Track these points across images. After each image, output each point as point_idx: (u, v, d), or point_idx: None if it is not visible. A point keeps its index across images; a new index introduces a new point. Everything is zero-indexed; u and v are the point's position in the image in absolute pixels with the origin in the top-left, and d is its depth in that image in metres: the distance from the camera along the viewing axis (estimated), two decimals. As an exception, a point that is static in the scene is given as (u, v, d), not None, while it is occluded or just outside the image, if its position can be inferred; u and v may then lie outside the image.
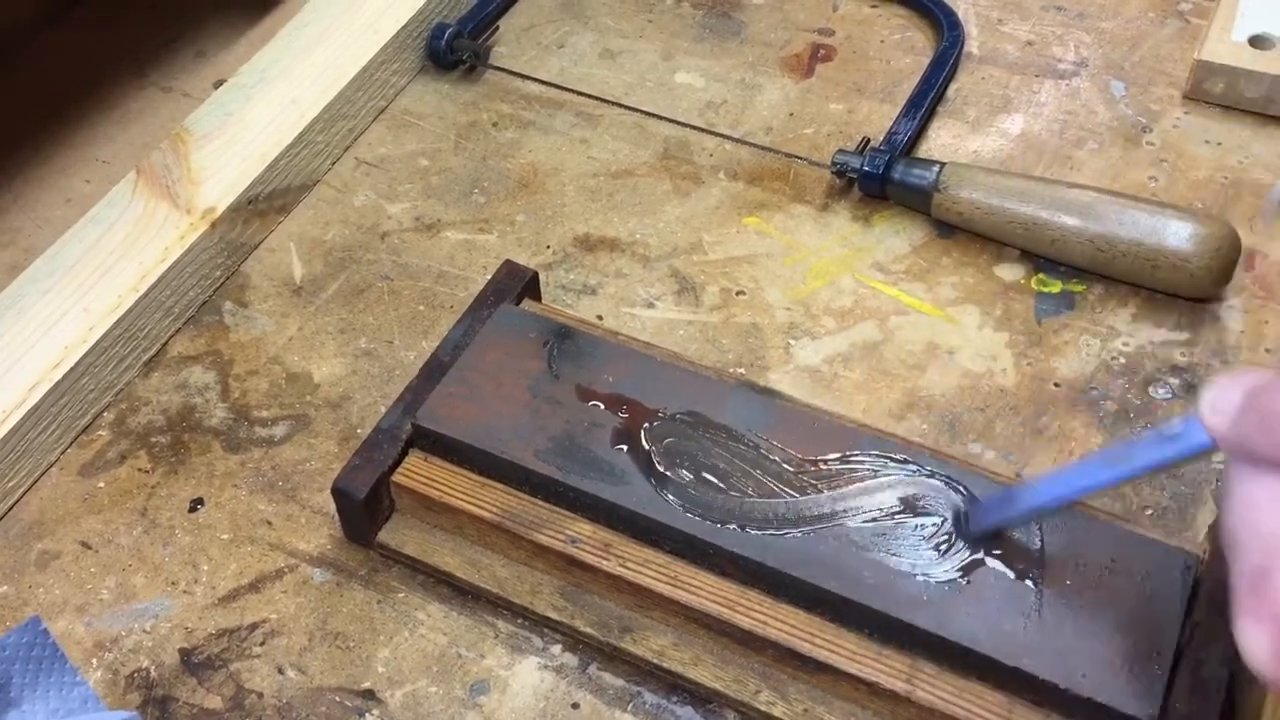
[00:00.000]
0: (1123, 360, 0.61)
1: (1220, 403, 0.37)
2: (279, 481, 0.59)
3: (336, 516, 0.56)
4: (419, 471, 0.54)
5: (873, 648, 0.48)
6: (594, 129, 0.74)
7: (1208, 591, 0.48)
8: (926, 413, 0.60)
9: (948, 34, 0.76)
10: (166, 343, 0.64)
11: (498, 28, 0.80)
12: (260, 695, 0.52)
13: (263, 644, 0.53)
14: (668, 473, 0.52)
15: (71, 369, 0.59)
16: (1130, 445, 0.43)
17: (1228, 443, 0.37)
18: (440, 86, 0.77)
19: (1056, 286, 0.65)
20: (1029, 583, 0.48)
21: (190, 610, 0.54)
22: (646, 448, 0.52)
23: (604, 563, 0.51)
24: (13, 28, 0.81)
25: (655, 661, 0.51)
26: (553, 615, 0.52)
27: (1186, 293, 0.63)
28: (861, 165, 0.68)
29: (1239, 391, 0.36)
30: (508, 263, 0.61)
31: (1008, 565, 0.48)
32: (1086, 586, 0.48)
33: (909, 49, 0.78)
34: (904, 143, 0.69)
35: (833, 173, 0.69)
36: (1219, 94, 0.72)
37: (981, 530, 0.49)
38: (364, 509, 0.54)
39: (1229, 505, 0.36)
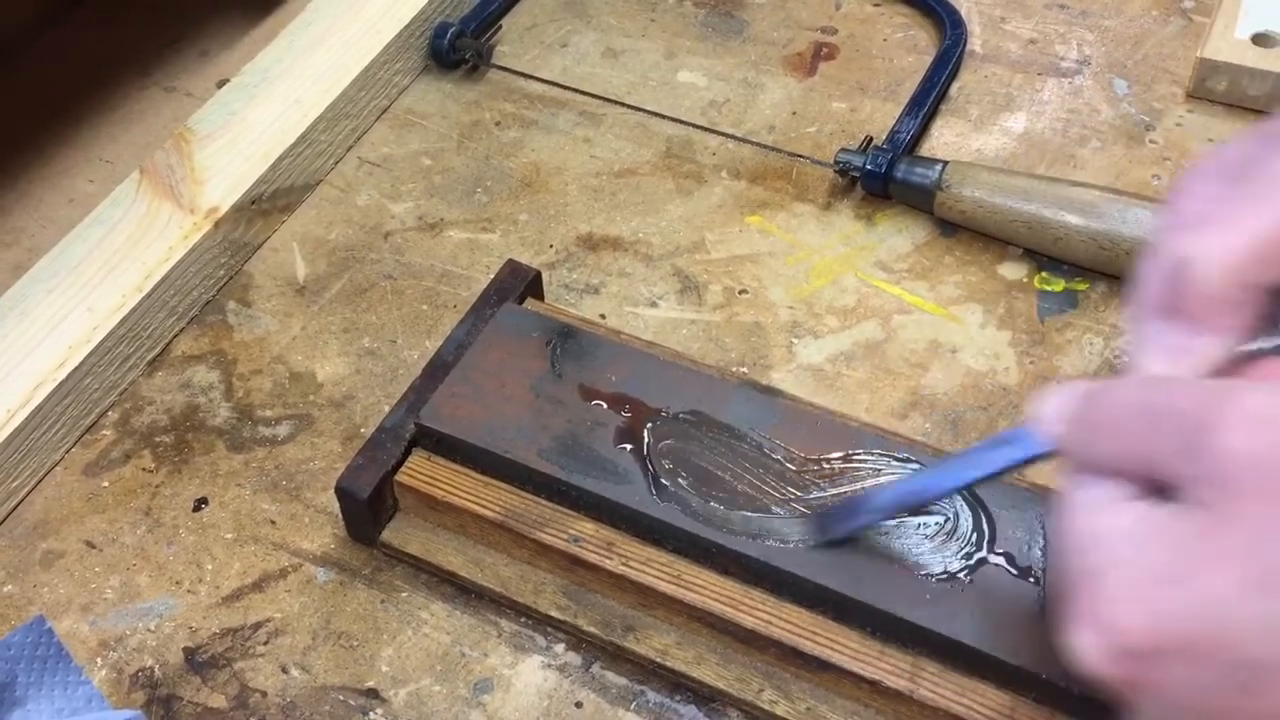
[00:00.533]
0: (1126, 359, 0.61)
1: (1054, 411, 0.38)
2: (283, 481, 0.59)
3: (340, 516, 0.56)
4: (422, 471, 0.54)
5: (875, 646, 0.48)
6: (597, 128, 0.74)
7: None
8: (929, 411, 0.60)
9: (950, 32, 0.76)
10: (170, 342, 0.65)
11: (500, 27, 0.80)
12: (264, 694, 0.52)
13: (266, 643, 0.53)
14: (670, 472, 0.52)
15: (75, 369, 0.59)
16: (975, 451, 0.44)
17: (1065, 450, 0.38)
18: (443, 86, 0.77)
19: (1059, 285, 0.65)
20: (1031, 581, 0.48)
21: (194, 609, 0.54)
22: (649, 447, 0.53)
23: (607, 562, 0.51)
24: (16, 28, 0.82)
25: (658, 660, 0.51)
26: (556, 614, 0.52)
27: (1189, 291, 0.63)
28: (864, 164, 0.68)
29: (1072, 402, 0.37)
30: (510, 262, 0.61)
31: (1010, 563, 0.48)
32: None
33: (911, 47, 0.78)
34: (906, 141, 0.69)
35: (835, 171, 0.69)
36: (1222, 92, 0.72)
37: (831, 536, 0.49)
38: (367, 508, 0.54)
39: (1062, 509, 0.36)
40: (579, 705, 0.51)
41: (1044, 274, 0.65)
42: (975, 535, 0.49)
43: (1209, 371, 0.37)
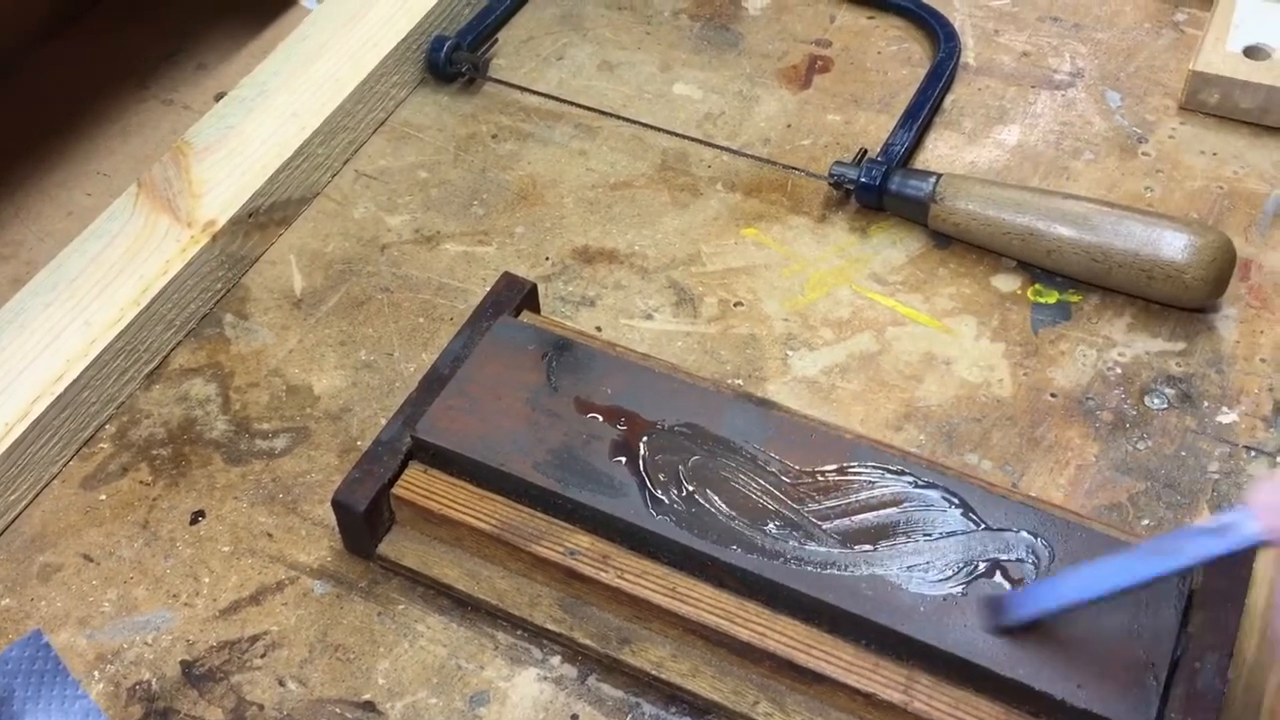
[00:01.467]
0: (1119, 370, 0.62)
1: (1271, 501, 0.38)
2: (279, 494, 0.59)
3: (337, 529, 0.56)
4: (418, 484, 0.54)
5: (870, 658, 0.48)
6: (592, 141, 0.74)
7: (1203, 603, 0.48)
8: (924, 423, 0.60)
9: (944, 45, 0.77)
10: (167, 355, 0.65)
11: (497, 40, 0.80)
12: (261, 707, 0.52)
13: (263, 656, 0.53)
14: (666, 485, 0.52)
15: (73, 382, 0.60)
16: (1179, 537, 0.43)
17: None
18: (439, 99, 0.78)
19: (1053, 297, 0.65)
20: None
21: (191, 622, 0.55)
22: (645, 460, 0.53)
23: (602, 574, 0.51)
24: (14, 41, 0.82)
25: (654, 673, 0.51)
26: (552, 627, 0.52)
27: (1182, 303, 0.63)
28: (859, 177, 0.68)
29: None
30: (506, 274, 0.62)
31: (1005, 577, 0.49)
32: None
33: (906, 60, 0.78)
34: (901, 154, 0.70)
35: (830, 184, 0.69)
36: (1214, 104, 0.72)
37: (1017, 622, 0.47)
38: (364, 521, 0.54)
39: (1278, 601, 0.36)
40: (575, 717, 0.51)
41: (1037, 286, 0.66)
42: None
43: None
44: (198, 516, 0.58)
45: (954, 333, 0.64)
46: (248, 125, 0.71)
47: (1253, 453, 0.58)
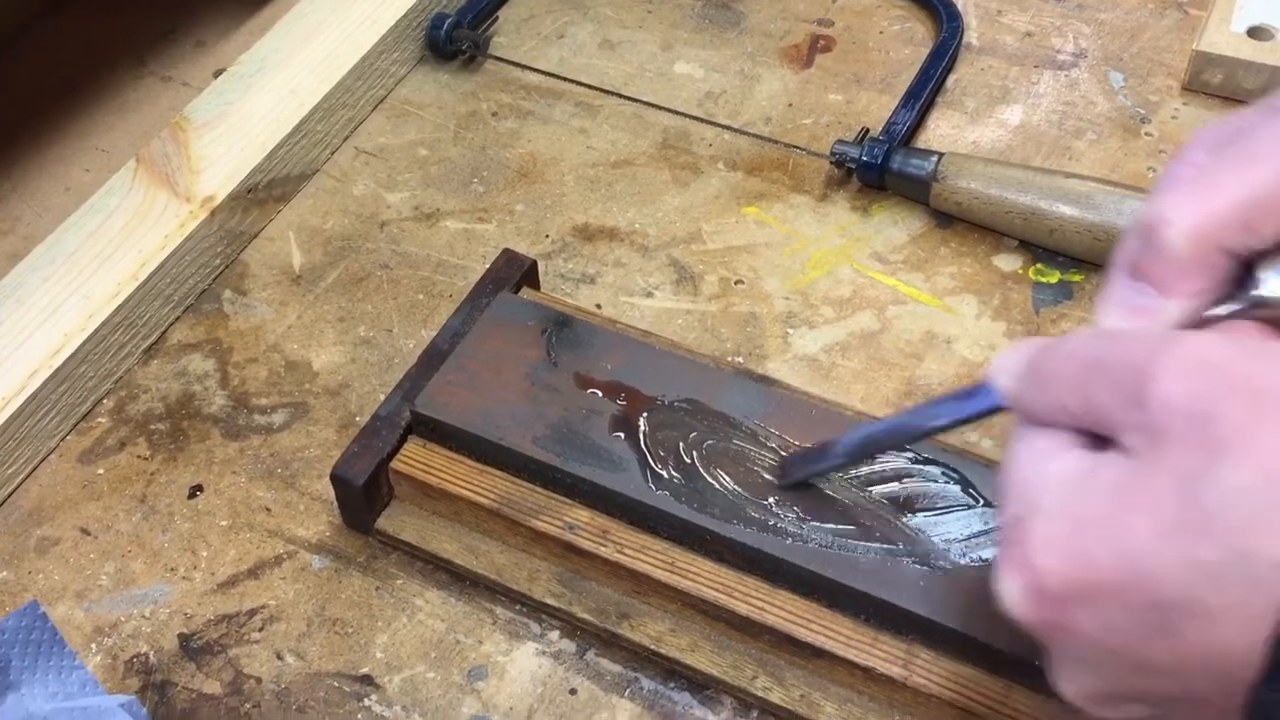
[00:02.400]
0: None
1: (1008, 365, 0.38)
2: (278, 468, 0.59)
3: (335, 503, 0.56)
4: (417, 458, 0.54)
5: (869, 633, 0.48)
6: (593, 119, 0.74)
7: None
8: (924, 401, 0.60)
9: (947, 25, 0.76)
10: (166, 330, 0.65)
11: (497, 18, 0.80)
12: (259, 680, 0.52)
13: (261, 630, 0.53)
14: (665, 460, 0.52)
15: (71, 356, 0.59)
16: (934, 403, 0.45)
17: (1011, 402, 0.38)
18: (439, 76, 0.77)
19: (1054, 276, 0.65)
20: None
21: (189, 596, 0.54)
22: (644, 435, 0.53)
23: (601, 549, 0.51)
24: (13, 18, 0.82)
25: (652, 647, 0.51)
26: (550, 601, 0.52)
27: (1184, 282, 0.63)
28: (860, 155, 0.68)
29: (1023, 356, 0.38)
30: (506, 251, 0.61)
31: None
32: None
33: (908, 40, 0.78)
34: (903, 133, 0.69)
35: (831, 163, 0.69)
36: (1217, 85, 0.72)
37: (792, 480, 0.50)
38: (362, 495, 0.54)
39: (1007, 461, 0.37)
40: (573, 692, 0.51)
41: (1039, 265, 0.65)
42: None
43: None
44: (196, 491, 0.58)
45: (955, 312, 0.64)
46: (246, 102, 0.71)
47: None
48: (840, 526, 0.49)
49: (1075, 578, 0.33)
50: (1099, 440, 0.35)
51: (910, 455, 0.52)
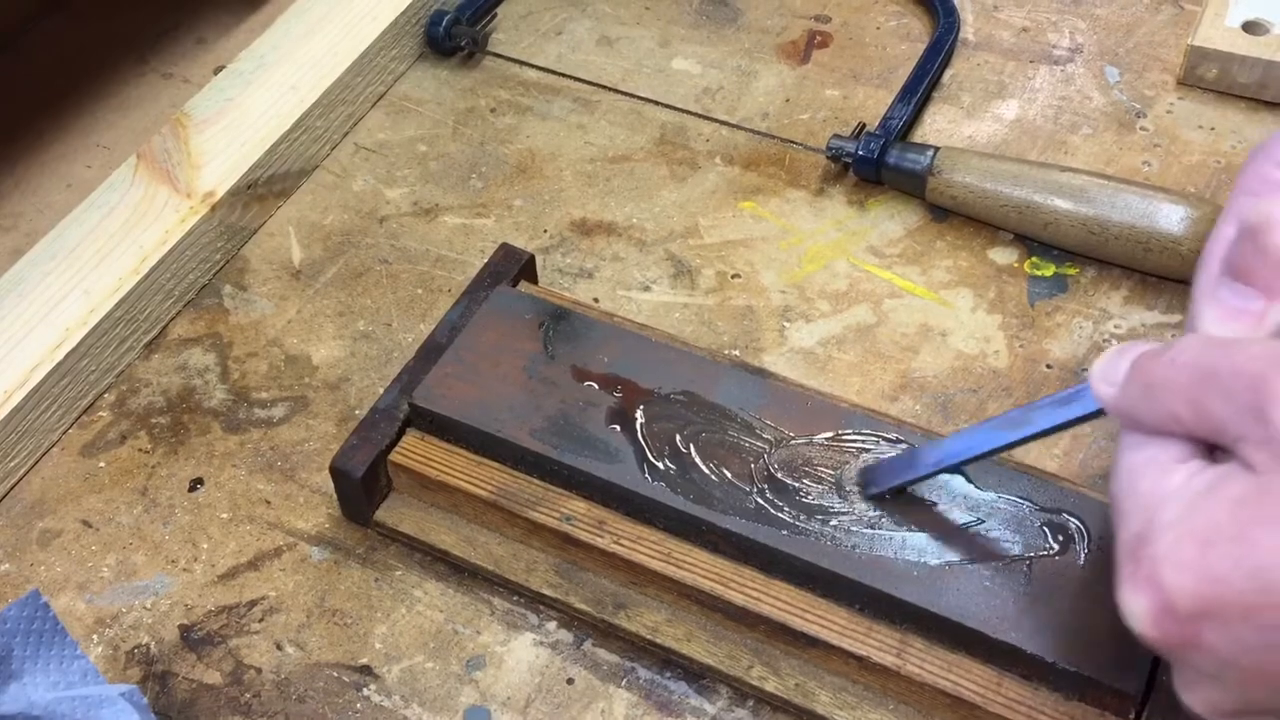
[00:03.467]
0: (1115, 342, 0.62)
1: (1109, 372, 0.38)
2: (278, 461, 0.59)
3: (334, 496, 0.56)
4: (416, 450, 0.55)
5: (863, 623, 0.49)
6: (591, 115, 0.75)
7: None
8: (920, 394, 0.60)
9: (943, 20, 0.77)
10: (166, 325, 0.65)
11: (496, 14, 0.80)
12: (259, 671, 0.52)
13: (261, 621, 0.54)
14: (661, 451, 0.52)
15: (72, 350, 0.60)
16: (1029, 408, 0.44)
17: (1116, 410, 0.38)
18: (439, 73, 0.78)
19: (1049, 270, 0.65)
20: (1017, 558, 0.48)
21: (190, 588, 0.55)
22: (640, 426, 0.53)
23: (598, 540, 0.52)
24: (14, 15, 0.82)
25: (649, 637, 0.51)
26: (548, 592, 0.53)
27: (1178, 275, 0.63)
28: (856, 150, 0.68)
29: (1126, 362, 0.37)
30: (504, 245, 0.62)
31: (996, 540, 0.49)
32: (1074, 561, 0.48)
33: (905, 35, 0.78)
34: (899, 128, 0.70)
35: (828, 158, 0.69)
36: (1212, 79, 0.72)
37: (882, 490, 0.50)
38: (361, 488, 0.54)
39: (1114, 472, 0.37)
40: (570, 682, 0.51)
41: (1034, 259, 0.66)
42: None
43: (1273, 337, 0.37)
44: (196, 484, 0.59)
45: (951, 305, 0.64)
46: (246, 98, 0.71)
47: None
48: (837, 517, 0.50)
49: (1205, 596, 0.33)
50: (1209, 448, 0.35)
51: (905, 446, 0.52)
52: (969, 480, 0.51)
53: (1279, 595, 0.32)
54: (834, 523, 0.50)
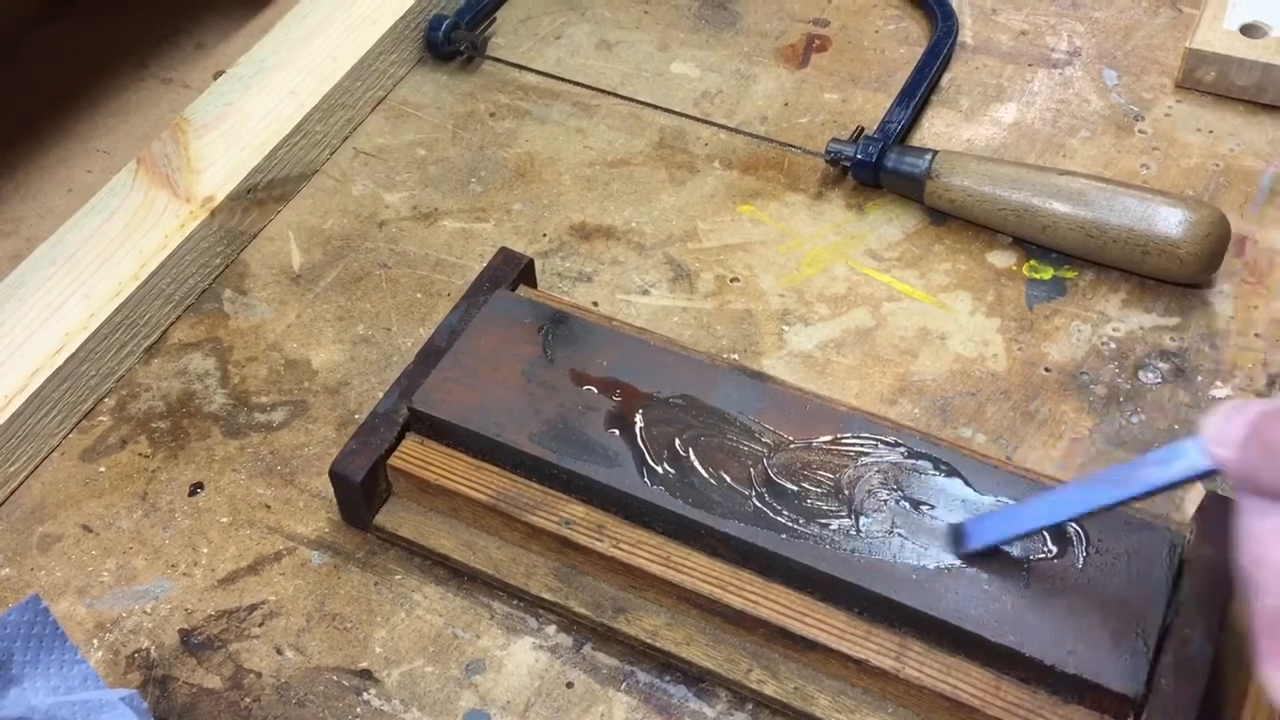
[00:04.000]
0: (1113, 345, 0.62)
1: (1225, 433, 0.37)
2: (277, 466, 0.59)
3: (334, 500, 0.56)
4: (415, 455, 0.55)
5: (862, 626, 0.49)
6: (590, 119, 0.75)
7: (1193, 571, 0.48)
8: (918, 397, 0.60)
9: (942, 24, 0.77)
10: (166, 330, 0.65)
11: (495, 19, 0.81)
12: (259, 675, 0.52)
13: (261, 625, 0.54)
14: (660, 455, 0.52)
15: (72, 355, 0.60)
16: (1134, 466, 0.43)
17: (1234, 474, 0.37)
18: (438, 77, 0.78)
19: (1048, 273, 0.65)
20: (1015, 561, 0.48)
21: (190, 592, 0.55)
22: (639, 430, 0.53)
23: (597, 544, 0.52)
24: (15, 21, 0.82)
25: (648, 641, 0.51)
26: (547, 596, 0.53)
27: (1176, 278, 0.63)
28: (855, 154, 0.68)
29: (1243, 422, 0.36)
30: (503, 250, 0.62)
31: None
32: (1073, 565, 0.48)
33: (903, 39, 0.78)
34: (897, 131, 0.70)
35: (827, 161, 0.70)
36: (1210, 82, 0.72)
37: (978, 549, 0.48)
38: (361, 492, 0.54)
39: (1241, 540, 0.36)
40: (570, 685, 0.52)
41: (1033, 262, 0.66)
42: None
43: None
44: (196, 488, 0.59)
45: (949, 308, 0.64)
46: (246, 103, 0.71)
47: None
48: (836, 521, 0.50)
49: None
50: None
51: (904, 450, 0.52)
52: (967, 484, 0.51)
53: None
54: (833, 526, 0.50)
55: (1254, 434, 0.36)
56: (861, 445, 0.52)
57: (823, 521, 0.50)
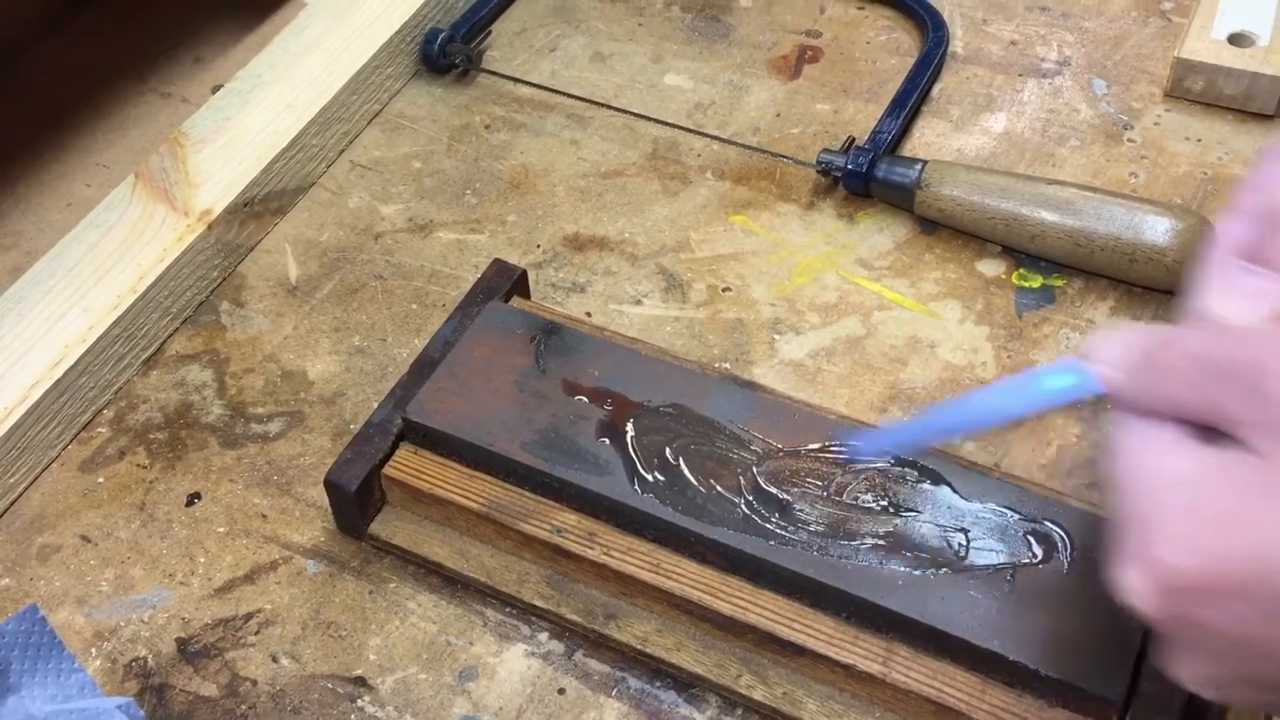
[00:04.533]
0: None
1: (1113, 356, 0.38)
2: (274, 476, 0.60)
3: (329, 509, 0.57)
4: (409, 464, 0.55)
5: (850, 631, 0.49)
6: (584, 130, 0.75)
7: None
8: (908, 405, 0.61)
9: (932, 35, 0.77)
10: (164, 342, 0.66)
11: (490, 32, 0.81)
12: (255, 682, 0.53)
13: (257, 633, 0.54)
14: (650, 463, 0.53)
15: (71, 368, 0.61)
16: (1022, 380, 0.43)
17: (1122, 395, 0.38)
18: (433, 90, 0.79)
19: (1037, 281, 0.66)
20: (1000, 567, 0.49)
21: (187, 601, 0.56)
22: (630, 439, 0.54)
23: (589, 551, 0.52)
24: (14, 36, 0.83)
25: (639, 647, 0.52)
26: (539, 603, 0.53)
27: (1164, 286, 0.64)
28: (846, 164, 0.69)
29: (1136, 348, 0.38)
30: (497, 261, 0.62)
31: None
32: (1058, 570, 0.49)
33: (895, 50, 0.79)
34: (888, 142, 0.70)
35: (818, 171, 0.70)
36: (1199, 91, 0.73)
37: (871, 454, 0.51)
38: (355, 501, 0.55)
39: (1116, 453, 0.37)
40: (562, 692, 0.52)
41: (1022, 270, 0.66)
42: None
43: None
44: (193, 498, 0.59)
45: (939, 316, 0.65)
46: (244, 117, 0.72)
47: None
48: (824, 528, 0.50)
49: (1207, 574, 0.34)
50: (1209, 432, 0.36)
51: (892, 458, 0.53)
52: (954, 490, 0.51)
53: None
54: (821, 533, 0.50)
55: (1143, 359, 0.37)
56: (850, 453, 0.53)
57: (811, 528, 0.50)
